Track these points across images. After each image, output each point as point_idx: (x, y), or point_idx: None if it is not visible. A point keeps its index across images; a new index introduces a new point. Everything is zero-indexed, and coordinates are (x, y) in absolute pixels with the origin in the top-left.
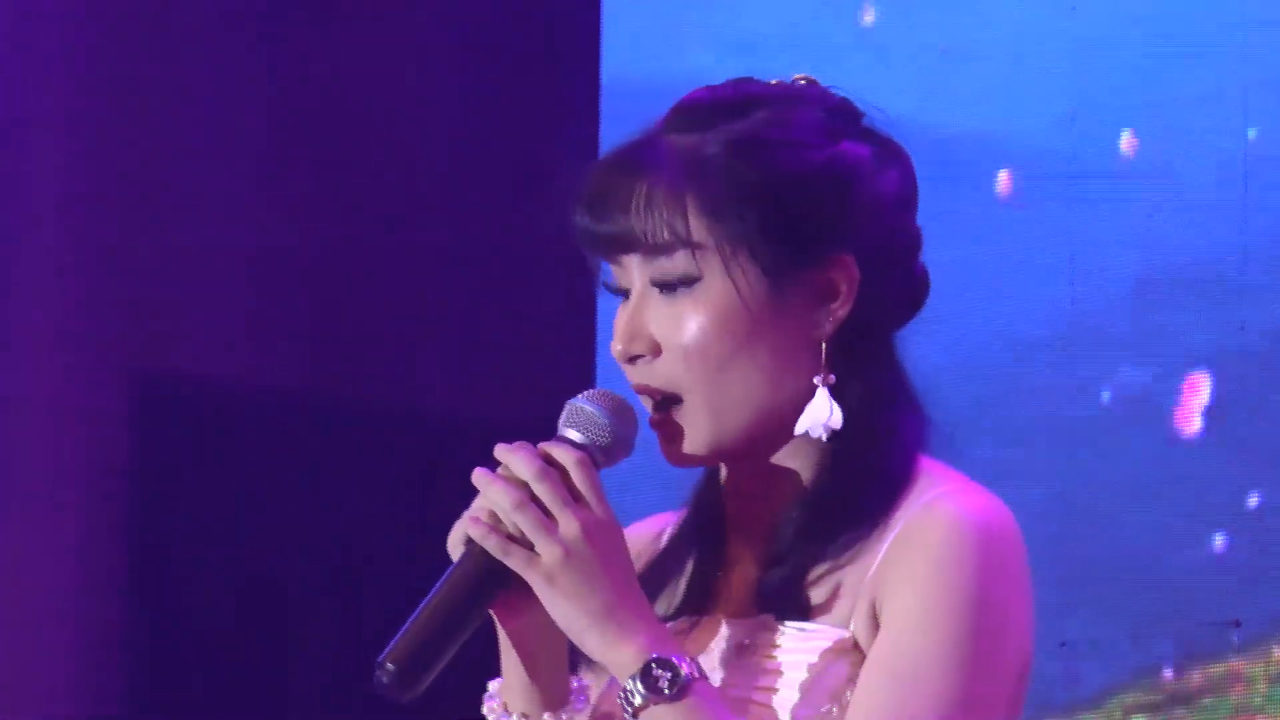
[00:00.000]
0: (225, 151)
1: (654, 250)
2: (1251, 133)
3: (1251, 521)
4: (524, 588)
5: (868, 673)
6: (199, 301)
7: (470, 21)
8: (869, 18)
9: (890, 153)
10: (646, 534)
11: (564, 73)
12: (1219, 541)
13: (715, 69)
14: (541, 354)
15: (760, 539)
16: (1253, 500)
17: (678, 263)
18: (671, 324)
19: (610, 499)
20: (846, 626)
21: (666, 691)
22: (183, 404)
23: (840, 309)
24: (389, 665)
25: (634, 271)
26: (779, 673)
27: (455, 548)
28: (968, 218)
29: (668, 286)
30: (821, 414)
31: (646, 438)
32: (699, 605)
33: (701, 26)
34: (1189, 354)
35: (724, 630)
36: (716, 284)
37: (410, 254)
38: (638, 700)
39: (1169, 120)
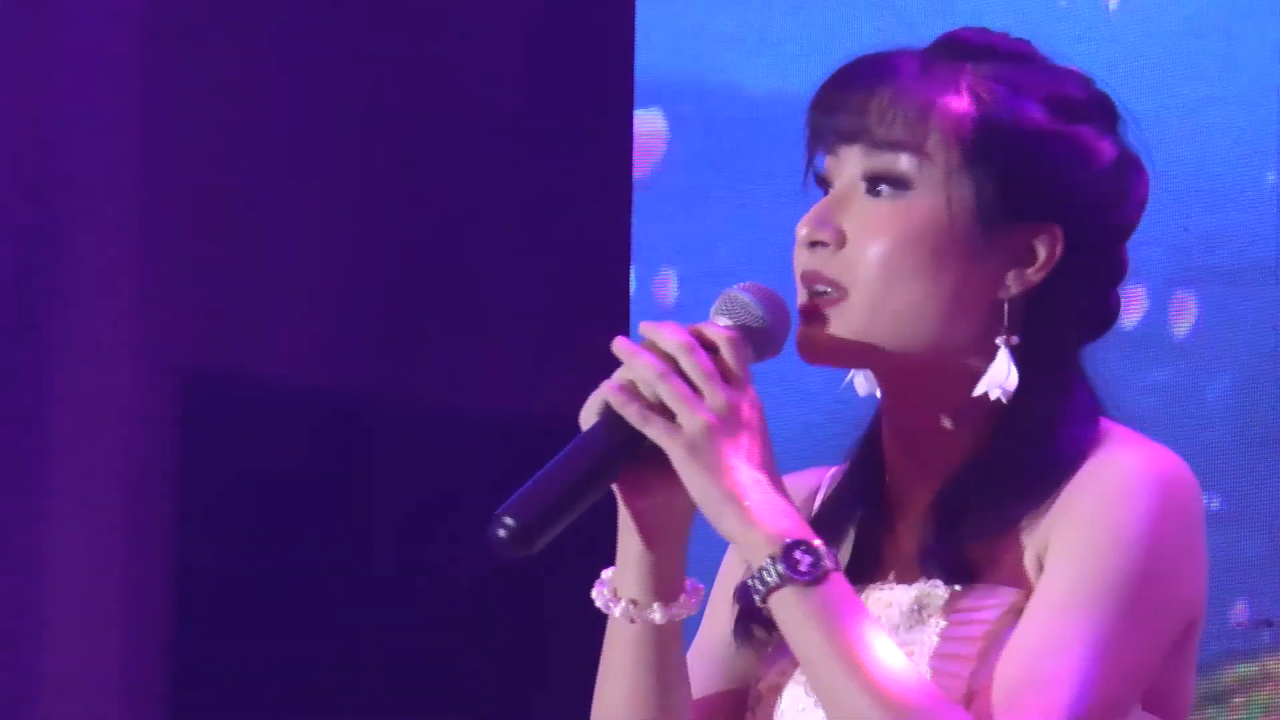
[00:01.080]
0: (277, 153)
1: (879, 144)
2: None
3: None
4: (655, 465)
5: (1028, 606)
6: (249, 303)
7: (506, 25)
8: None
9: (1131, 162)
10: (803, 487)
11: (598, 71)
12: (1253, 540)
13: (744, 67)
14: (577, 354)
15: (925, 501)
16: None
17: (898, 163)
18: (867, 220)
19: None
20: (1020, 585)
21: (804, 573)
22: (231, 405)
23: (1034, 275)
24: (507, 520)
25: (848, 165)
26: (957, 639)
27: (589, 418)
28: None
29: (877, 184)
30: (1000, 375)
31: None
32: (867, 571)
33: (733, 26)
34: (1219, 349)
35: (894, 595)
36: (926, 199)
37: (455, 255)
38: (772, 579)
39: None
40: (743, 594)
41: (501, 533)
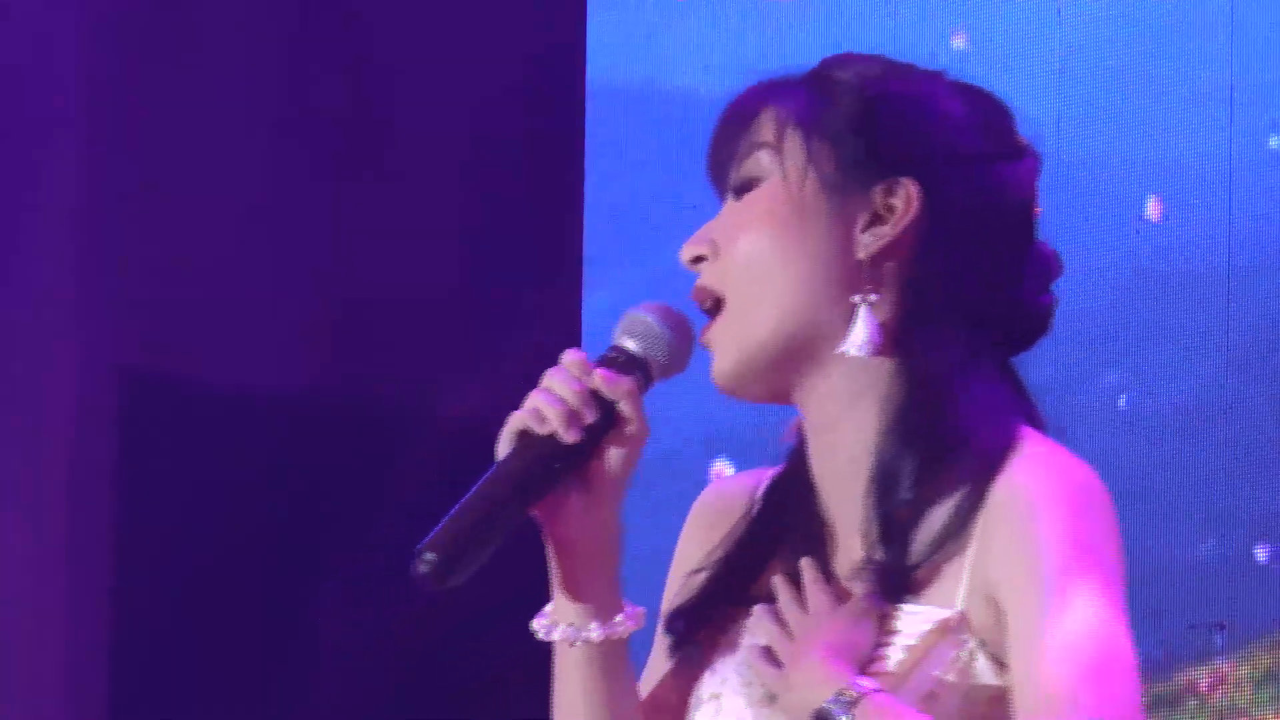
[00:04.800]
0: (220, 154)
1: (737, 161)
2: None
3: (1239, 524)
4: (572, 489)
5: (1017, 633)
6: (190, 304)
7: (460, 30)
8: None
9: (999, 131)
10: (741, 488)
11: (548, 78)
12: (1206, 544)
13: (700, 75)
14: (528, 354)
15: (854, 497)
16: (1238, 502)
17: (748, 166)
18: (728, 222)
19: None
20: (951, 604)
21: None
22: (171, 404)
23: (891, 231)
24: (427, 555)
25: (728, 193)
26: (882, 657)
27: (505, 445)
28: None
29: (739, 191)
30: (859, 333)
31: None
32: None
33: (685, 34)
34: (1177, 354)
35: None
36: (773, 184)
37: (398, 255)
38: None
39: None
40: (670, 621)
41: (423, 568)
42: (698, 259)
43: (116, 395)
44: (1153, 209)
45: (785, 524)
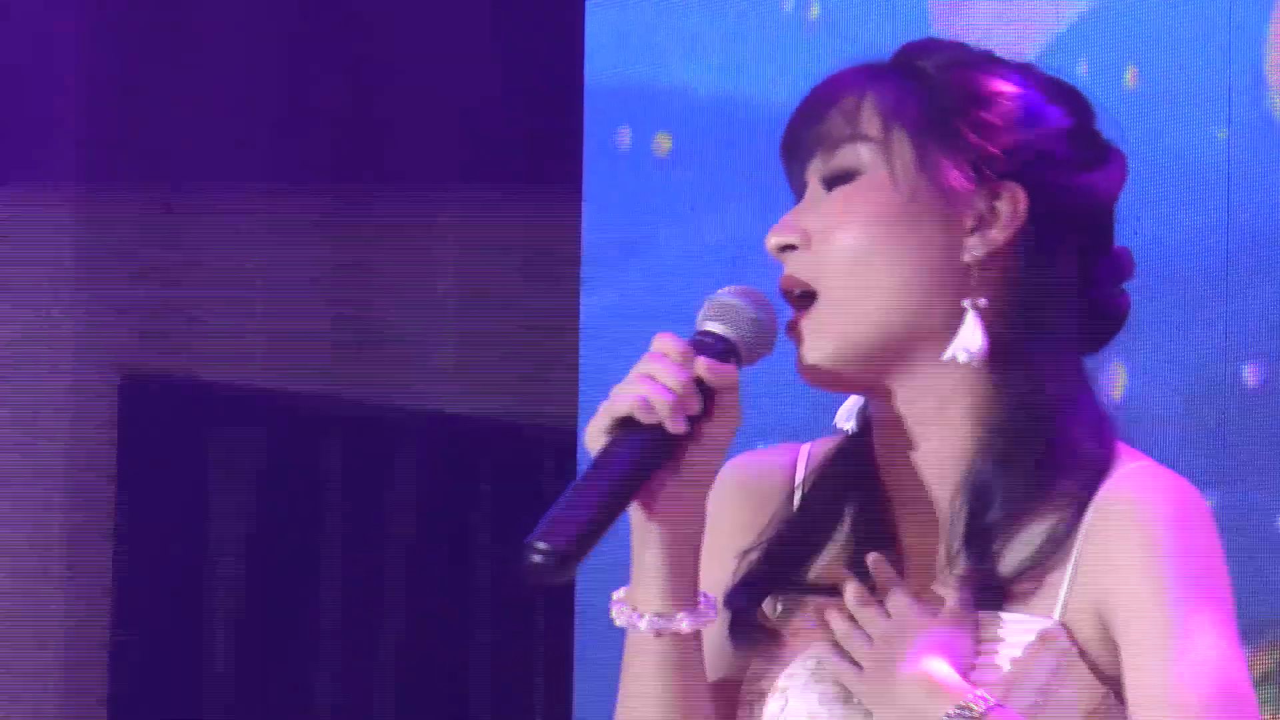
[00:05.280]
0: (218, 154)
1: (829, 148)
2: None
3: (1237, 524)
4: (667, 476)
5: (1137, 661)
6: (188, 305)
7: (457, 30)
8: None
9: (1090, 135)
10: (774, 465)
11: (546, 78)
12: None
13: (698, 74)
14: (526, 354)
15: (935, 500)
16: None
17: (846, 155)
18: (826, 212)
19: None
20: (1050, 615)
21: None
22: (170, 405)
23: (999, 234)
24: (540, 546)
25: (811, 180)
26: (985, 666)
27: (596, 439)
28: None
29: (831, 182)
30: (969, 338)
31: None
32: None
33: (683, 33)
34: (1164, 347)
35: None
36: (874, 178)
37: (396, 255)
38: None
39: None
40: (733, 597)
41: (536, 559)
42: (787, 247)
43: (116, 395)
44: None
45: (839, 510)
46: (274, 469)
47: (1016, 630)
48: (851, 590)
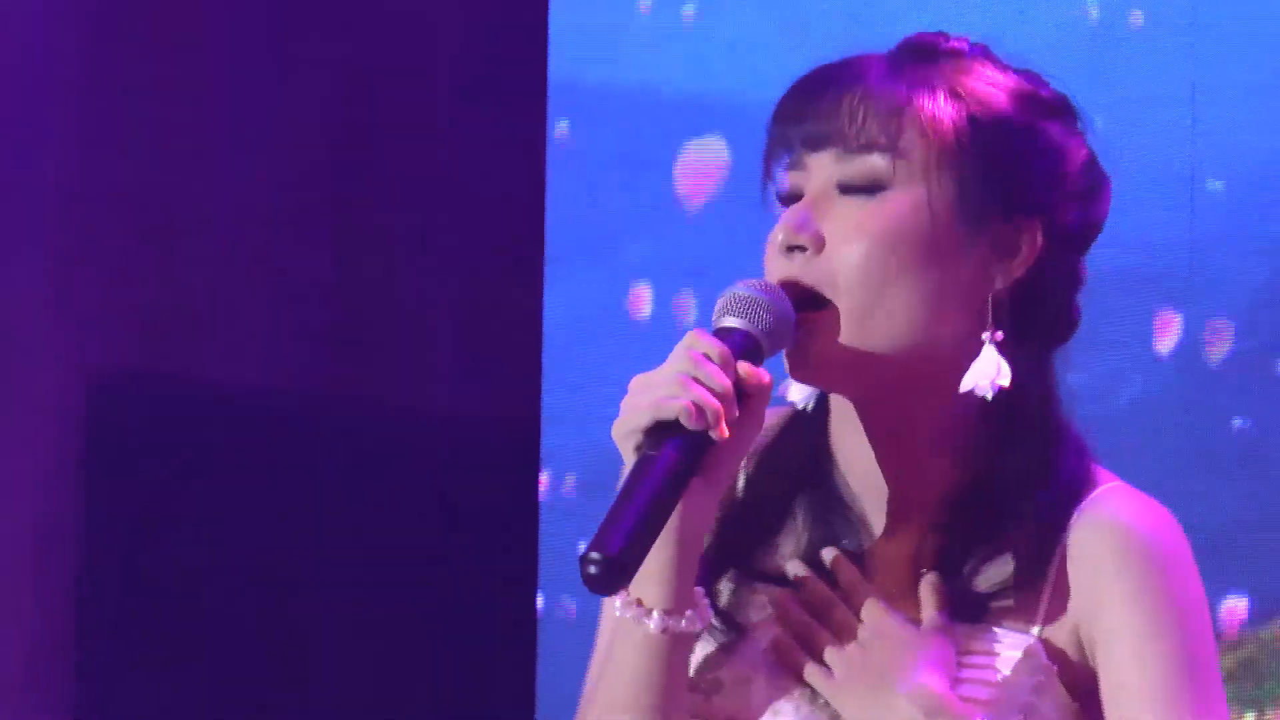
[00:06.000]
0: (192, 155)
1: (853, 148)
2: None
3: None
4: (699, 476)
5: (1122, 698)
6: (160, 306)
7: (420, 29)
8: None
9: (1096, 162)
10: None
11: (510, 78)
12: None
13: (661, 73)
14: (490, 353)
15: (912, 515)
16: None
17: (873, 165)
18: (847, 223)
19: None
20: (1028, 631)
21: None
22: (141, 407)
23: (1019, 269)
24: (595, 556)
25: (818, 171)
26: (971, 682)
27: (632, 437)
28: None
29: (853, 189)
30: (989, 370)
31: None
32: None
33: (646, 33)
34: (1135, 347)
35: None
36: (907, 198)
37: (360, 255)
38: None
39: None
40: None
41: (593, 569)
42: (796, 248)
43: (86, 396)
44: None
45: (789, 495)
46: (243, 470)
47: (995, 646)
48: (811, 586)
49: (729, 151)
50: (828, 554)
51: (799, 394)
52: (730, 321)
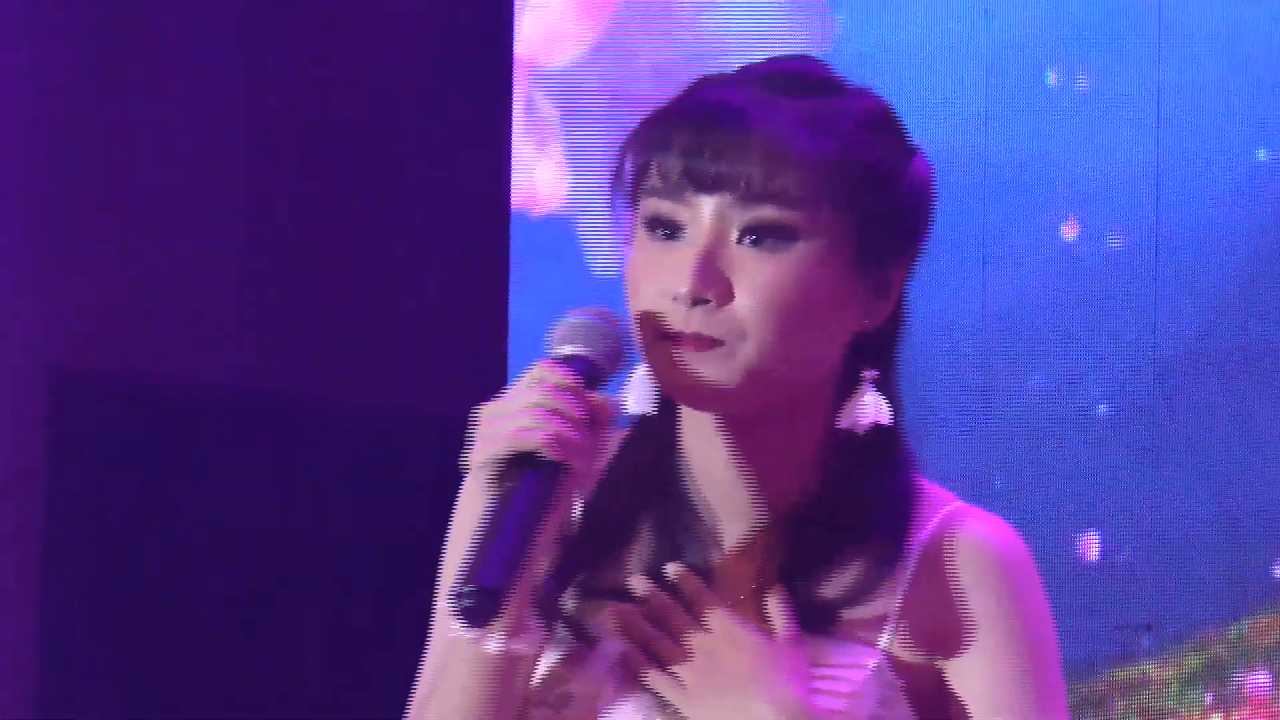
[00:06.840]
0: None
1: (757, 197)
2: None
3: (1164, 525)
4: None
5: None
6: (120, 303)
7: (383, 29)
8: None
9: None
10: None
11: (475, 81)
12: (1132, 545)
13: (627, 78)
14: (455, 361)
15: (759, 525)
16: (1165, 505)
17: (781, 214)
18: (756, 276)
19: None
20: (873, 644)
21: None
22: (102, 405)
23: (887, 306)
24: (468, 589)
25: (710, 214)
26: (822, 693)
27: (482, 469)
28: None
29: (759, 237)
30: (870, 411)
31: None
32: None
33: (612, 34)
34: (1101, 355)
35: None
36: (813, 250)
37: (326, 256)
38: None
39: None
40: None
41: (466, 604)
42: (700, 301)
43: (46, 394)
44: (1071, 224)
45: (636, 510)
46: (208, 469)
47: (845, 658)
48: (654, 599)
49: None
50: (671, 568)
51: (635, 402)
52: (570, 349)
